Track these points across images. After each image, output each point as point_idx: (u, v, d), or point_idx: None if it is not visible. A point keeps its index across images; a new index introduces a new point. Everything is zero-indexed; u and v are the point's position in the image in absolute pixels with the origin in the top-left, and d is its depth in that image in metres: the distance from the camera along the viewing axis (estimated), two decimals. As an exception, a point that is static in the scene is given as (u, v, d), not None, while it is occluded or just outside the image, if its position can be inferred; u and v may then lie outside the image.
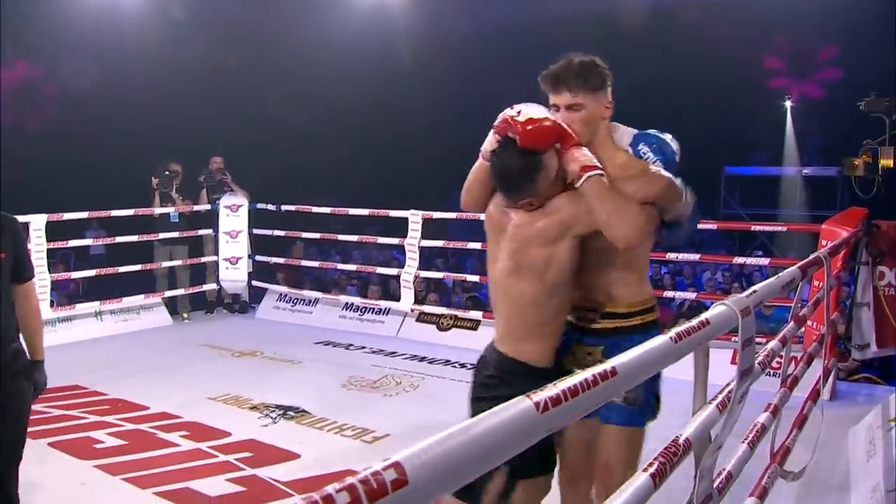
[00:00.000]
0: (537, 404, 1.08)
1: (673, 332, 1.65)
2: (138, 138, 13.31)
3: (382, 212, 8.81)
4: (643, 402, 2.74)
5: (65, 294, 10.67)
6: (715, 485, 2.31)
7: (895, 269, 5.91)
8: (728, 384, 2.22)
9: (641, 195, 2.58)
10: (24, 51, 14.77)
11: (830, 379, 5.63)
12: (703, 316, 1.87)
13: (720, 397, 2.13)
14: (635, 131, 2.79)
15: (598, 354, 2.75)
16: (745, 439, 2.88)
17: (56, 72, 14.68)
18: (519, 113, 2.59)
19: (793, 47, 17.65)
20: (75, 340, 8.07)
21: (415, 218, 8.27)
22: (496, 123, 2.67)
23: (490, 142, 2.72)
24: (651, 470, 1.61)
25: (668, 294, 8.34)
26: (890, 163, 5.76)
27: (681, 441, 1.81)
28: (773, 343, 3.02)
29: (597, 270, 2.75)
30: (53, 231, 8.20)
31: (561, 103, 2.67)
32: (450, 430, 0.97)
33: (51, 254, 10.29)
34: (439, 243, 9.01)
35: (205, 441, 5.18)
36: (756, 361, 2.31)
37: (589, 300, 2.80)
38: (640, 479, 1.59)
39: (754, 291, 2.31)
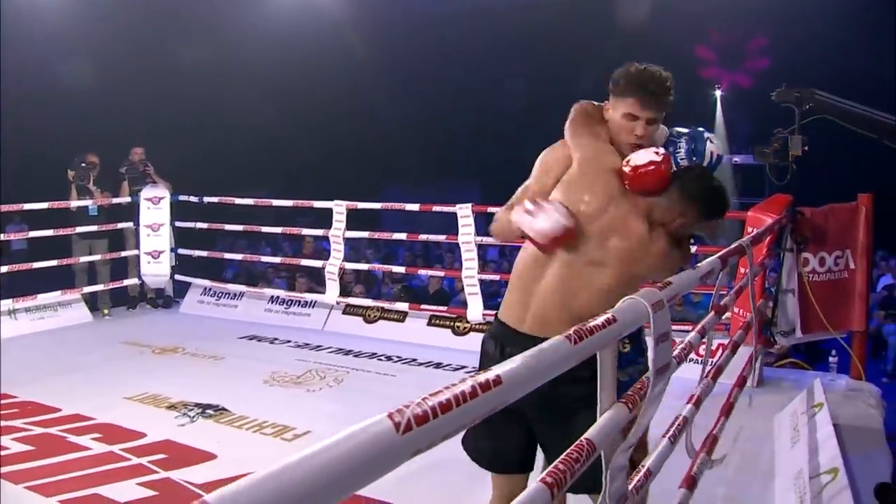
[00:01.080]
0: (397, 425, 0.95)
1: (571, 331, 1.52)
2: (59, 129, 12.89)
3: (307, 203, 8.59)
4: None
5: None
6: (631, 485, 2.22)
7: (819, 256, 5.93)
8: (640, 382, 2.12)
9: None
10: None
11: (757, 365, 5.62)
12: (609, 312, 1.75)
13: (629, 394, 2.02)
14: (668, 131, 2.81)
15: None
16: (667, 433, 2.79)
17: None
18: (628, 162, 2.64)
19: (723, 38, 17.89)
20: (-13, 340, 7.74)
21: (339, 209, 8.08)
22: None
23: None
24: (548, 479, 1.48)
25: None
26: (798, 151, 5.83)
27: (583, 442, 1.69)
28: (692, 335, 2.94)
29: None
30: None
31: (644, 117, 2.70)
32: (286, 462, 0.82)
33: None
34: (365, 234, 8.85)
35: (118, 443, 4.96)
36: (672, 355, 2.22)
37: None
38: (533, 489, 1.46)
39: (669, 283, 2.20)
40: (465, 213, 7.41)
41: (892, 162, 5.99)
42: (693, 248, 9.15)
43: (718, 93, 19.10)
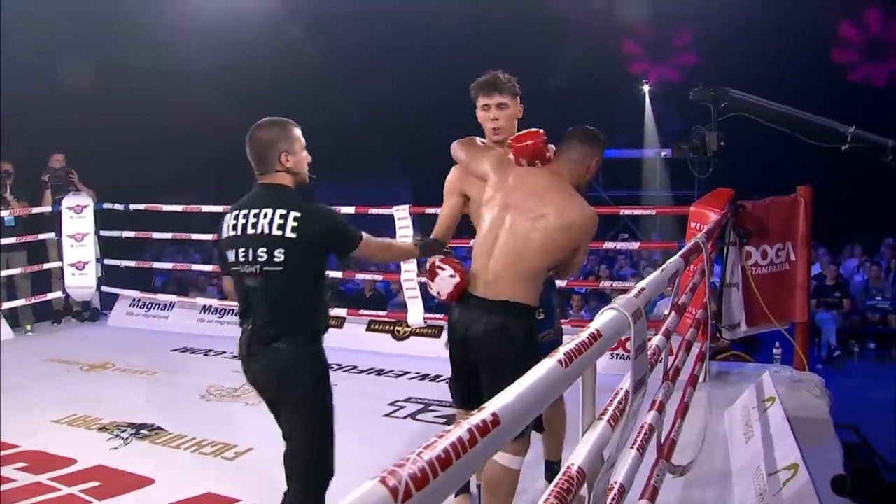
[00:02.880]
0: (394, 492, 0.78)
1: (560, 353, 1.37)
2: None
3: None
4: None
5: None
6: (607, 502, 2.08)
7: (761, 249, 5.92)
8: (616, 394, 1.98)
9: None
10: None
11: (705, 361, 5.57)
12: (593, 327, 1.61)
13: (610, 411, 1.88)
14: None
15: None
16: (634, 444, 2.66)
17: None
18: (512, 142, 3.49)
19: (650, 33, 18.10)
20: None
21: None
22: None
23: None
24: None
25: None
26: (715, 147, 6.05)
27: (573, 472, 1.54)
28: (658, 339, 2.82)
29: None
30: None
31: (493, 102, 3.59)
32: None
33: None
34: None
35: (46, 472, 4.65)
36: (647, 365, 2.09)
37: None
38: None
39: (642, 290, 2.07)
40: (402, 214, 7.25)
41: (814, 156, 6.11)
42: (636, 245, 9.19)
43: (647, 87, 19.26)
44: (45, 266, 8.83)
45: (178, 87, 14.96)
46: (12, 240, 8.38)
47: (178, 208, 8.97)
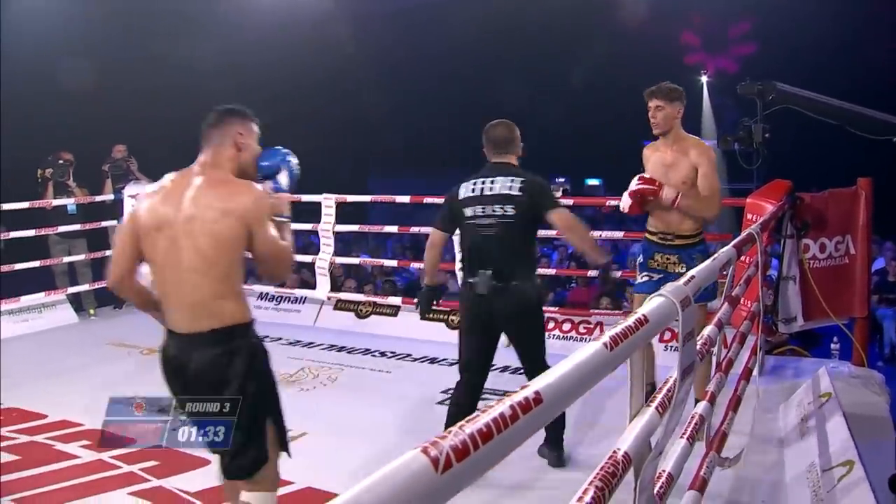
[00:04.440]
0: (435, 461, 0.80)
1: (606, 336, 1.39)
2: (34, 128, 12.64)
3: (294, 197, 8.41)
4: (712, 288, 4.52)
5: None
6: (655, 490, 2.09)
7: (819, 242, 5.83)
8: (665, 382, 1.99)
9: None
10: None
11: (761, 356, 5.51)
12: (640, 312, 1.62)
13: (659, 398, 1.89)
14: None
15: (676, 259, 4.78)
16: (684, 433, 2.65)
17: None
18: None
19: (707, 23, 17.82)
20: (-32, 345, 7.57)
21: (328, 202, 7.93)
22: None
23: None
24: (586, 499, 1.34)
25: (592, 273, 8.13)
26: (760, 139, 6.14)
27: (619, 457, 1.55)
28: (710, 329, 2.80)
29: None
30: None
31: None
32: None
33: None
34: (354, 227, 8.70)
35: (107, 451, 4.79)
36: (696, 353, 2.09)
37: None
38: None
39: (692, 278, 2.07)
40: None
41: (871, 149, 6.04)
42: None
43: (704, 79, 18.99)
44: (108, 252, 9.02)
45: (238, 83, 15.14)
46: (75, 227, 8.60)
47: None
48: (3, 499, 4.21)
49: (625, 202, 4.76)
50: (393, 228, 8.60)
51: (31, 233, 8.54)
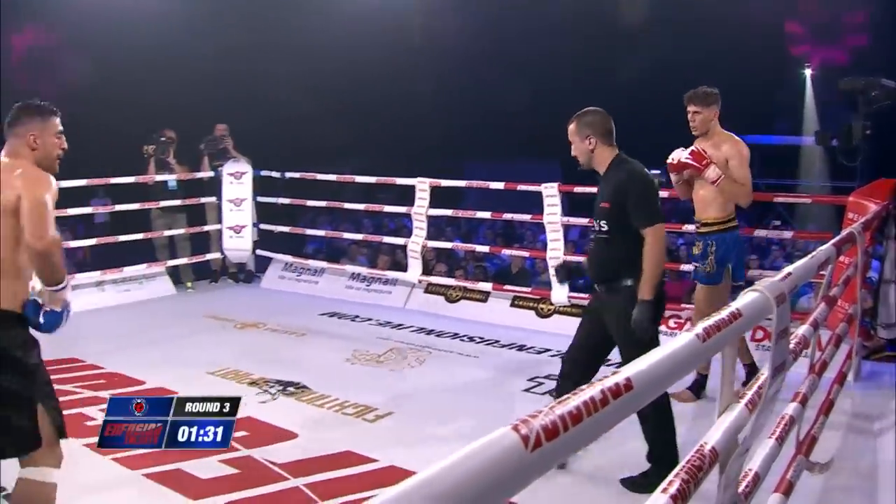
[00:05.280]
0: (525, 439, 0.82)
1: (700, 328, 1.38)
2: (144, 105, 13.05)
3: (389, 179, 8.53)
4: (715, 273, 5.11)
5: (72, 263, 10.45)
6: (741, 488, 2.07)
7: (925, 244, 5.63)
8: (756, 379, 1.96)
9: None
10: (34, 17, 14.53)
11: (856, 360, 5.35)
12: (734, 306, 1.60)
13: (749, 395, 1.87)
14: None
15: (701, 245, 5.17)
16: (773, 434, 2.61)
17: (67, 37, 14.44)
18: None
19: (816, 12, 17.16)
20: (76, 311, 7.81)
21: (422, 186, 7.99)
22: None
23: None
24: (671, 490, 1.34)
25: (685, 267, 8.01)
26: (860, 136, 5.97)
27: (706, 451, 1.55)
28: (804, 328, 2.75)
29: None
30: (63, 199, 8.01)
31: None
32: (404, 486, 0.70)
33: (59, 221, 10.13)
34: (448, 212, 8.75)
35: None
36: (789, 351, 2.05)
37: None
38: (658, 501, 1.33)
39: (789, 274, 2.04)
40: (550, 192, 7.26)
41: None
42: (788, 234, 8.84)
43: (808, 71, 18.40)
44: (206, 228, 9.29)
45: (338, 65, 15.35)
46: (175, 202, 8.88)
47: (332, 178, 9.25)
48: (106, 457, 4.39)
49: (672, 169, 5.14)
50: (486, 214, 8.63)
51: (134, 206, 8.85)
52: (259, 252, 9.43)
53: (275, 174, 9.28)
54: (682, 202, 5.58)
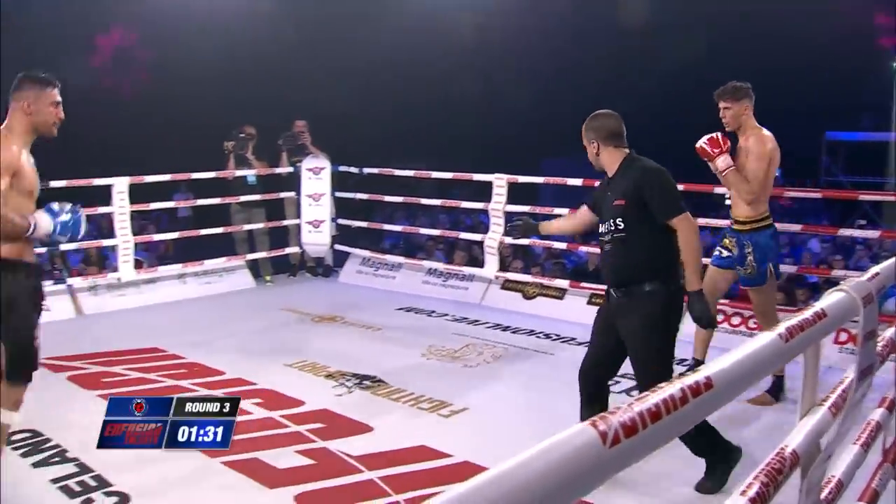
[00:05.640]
0: (603, 435, 0.82)
1: (782, 327, 1.35)
2: (225, 101, 13.32)
3: (466, 175, 8.54)
4: (758, 275, 5.02)
5: (155, 255, 10.74)
6: (823, 495, 2.01)
7: None
8: (841, 382, 1.91)
9: None
10: (118, 16, 14.97)
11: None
12: (818, 306, 1.56)
13: (833, 398, 1.82)
14: None
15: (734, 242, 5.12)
16: (858, 440, 2.54)
17: (150, 37, 14.84)
18: None
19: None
20: (159, 302, 8.11)
21: (499, 182, 7.98)
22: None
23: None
24: (750, 493, 1.32)
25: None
26: None
27: (787, 454, 1.51)
28: (892, 331, 2.67)
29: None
30: (147, 194, 8.31)
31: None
32: (482, 478, 0.70)
33: (143, 215, 10.44)
34: (525, 208, 8.71)
35: (277, 410, 5.04)
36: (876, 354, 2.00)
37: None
38: (737, 503, 1.30)
39: (876, 274, 1.97)
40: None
41: None
42: (875, 233, 8.58)
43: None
44: (285, 223, 9.43)
45: (416, 61, 15.42)
46: (255, 197, 9.04)
47: (410, 174, 9.30)
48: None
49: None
50: (564, 211, 8.55)
51: (215, 201, 9.04)
52: (337, 247, 9.53)
53: (353, 170, 9.37)
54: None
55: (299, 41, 14.44)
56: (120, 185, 7.84)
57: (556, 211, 8.62)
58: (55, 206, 3.68)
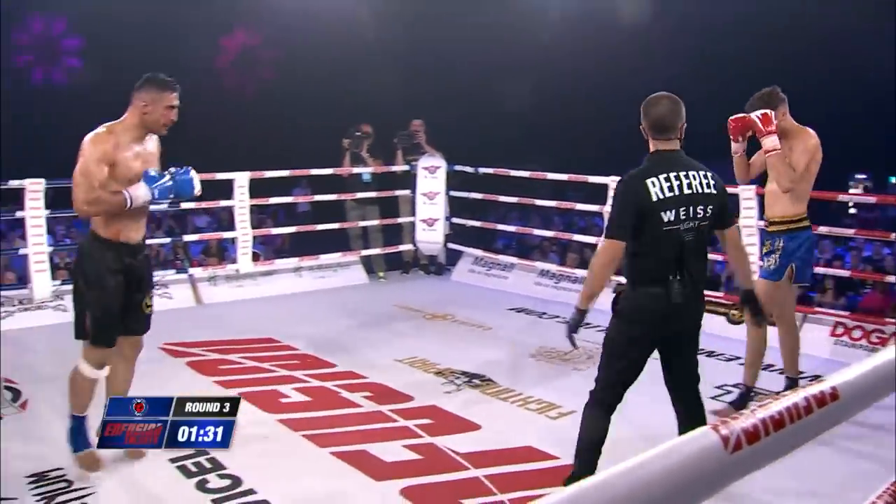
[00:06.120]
0: (725, 440, 0.79)
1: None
2: (346, 99, 13.56)
3: (581, 177, 8.46)
4: (776, 268, 4.91)
5: (272, 248, 11.04)
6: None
7: None
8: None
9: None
10: (242, 18, 15.42)
11: None
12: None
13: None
14: None
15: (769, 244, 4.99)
16: None
17: (273, 37, 15.23)
18: None
19: None
20: (275, 294, 8.31)
21: (614, 184, 7.88)
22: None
23: None
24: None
25: (889, 278, 7.50)
26: None
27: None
28: None
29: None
30: (266, 189, 8.53)
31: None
32: (601, 477, 0.69)
33: (261, 209, 10.74)
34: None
35: (387, 404, 5.11)
36: None
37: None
38: None
39: None
40: (747, 195, 6.99)
41: None
42: None
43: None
44: (399, 220, 9.54)
45: (532, 61, 15.37)
46: (370, 195, 9.18)
47: (525, 174, 9.27)
48: (297, 433, 4.60)
49: (735, 129, 4.92)
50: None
51: (331, 197, 9.23)
52: (450, 245, 9.58)
53: (468, 169, 9.40)
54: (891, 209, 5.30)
55: (417, 40, 14.57)
56: (241, 180, 8.07)
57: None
58: (152, 171, 3.93)
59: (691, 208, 3.46)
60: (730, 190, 6.97)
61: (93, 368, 4.03)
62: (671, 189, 3.45)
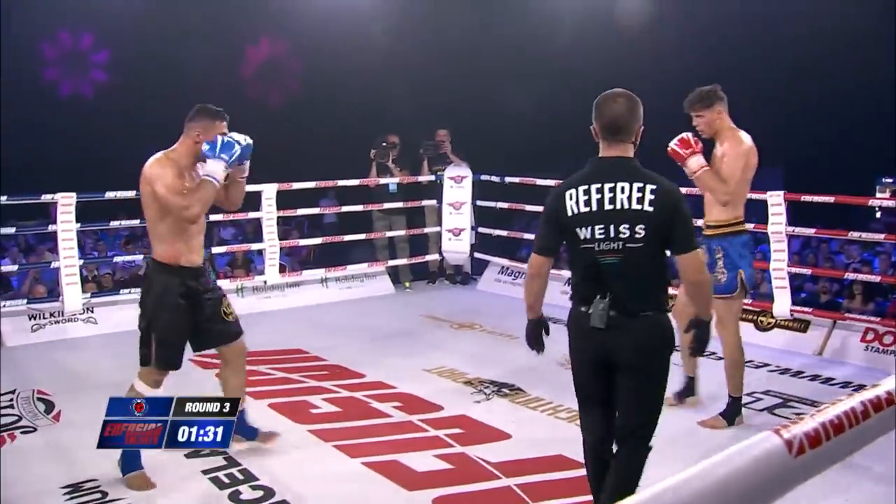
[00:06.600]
0: (789, 444, 0.79)
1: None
2: (371, 110, 13.61)
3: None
4: (727, 282, 4.81)
5: (297, 260, 11.08)
6: None
7: None
8: None
9: None
10: (267, 28, 15.53)
11: None
12: None
13: None
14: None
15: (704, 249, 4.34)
16: None
17: (298, 48, 15.32)
18: None
19: None
20: (302, 305, 8.34)
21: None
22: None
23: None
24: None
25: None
26: None
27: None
28: None
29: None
30: (293, 200, 8.63)
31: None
32: (668, 483, 0.69)
33: (286, 221, 10.79)
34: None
35: (417, 414, 5.11)
36: None
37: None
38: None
39: None
40: (775, 200, 6.94)
41: None
42: None
43: None
44: (425, 230, 9.56)
45: (557, 68, 15.34)
46: (396, 205, 9.21)
47: (551, 183, 9.24)
48: (328, 443, 4.62)
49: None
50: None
51: (358, 208, 9.27)
52: (476, 255, 9.58)
53: (494, 178, 9.41)
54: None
55: (443, 51, 14.60)
56: (269, 192, 8.10)
57: (699, 223, 8.40)
58: (205, 147, 4.01)
59: (611, 227, 3.08)
60: (756, 196, 7.02)
61: (148, 387, 4.09)
62: (587, 204, 3.11)
